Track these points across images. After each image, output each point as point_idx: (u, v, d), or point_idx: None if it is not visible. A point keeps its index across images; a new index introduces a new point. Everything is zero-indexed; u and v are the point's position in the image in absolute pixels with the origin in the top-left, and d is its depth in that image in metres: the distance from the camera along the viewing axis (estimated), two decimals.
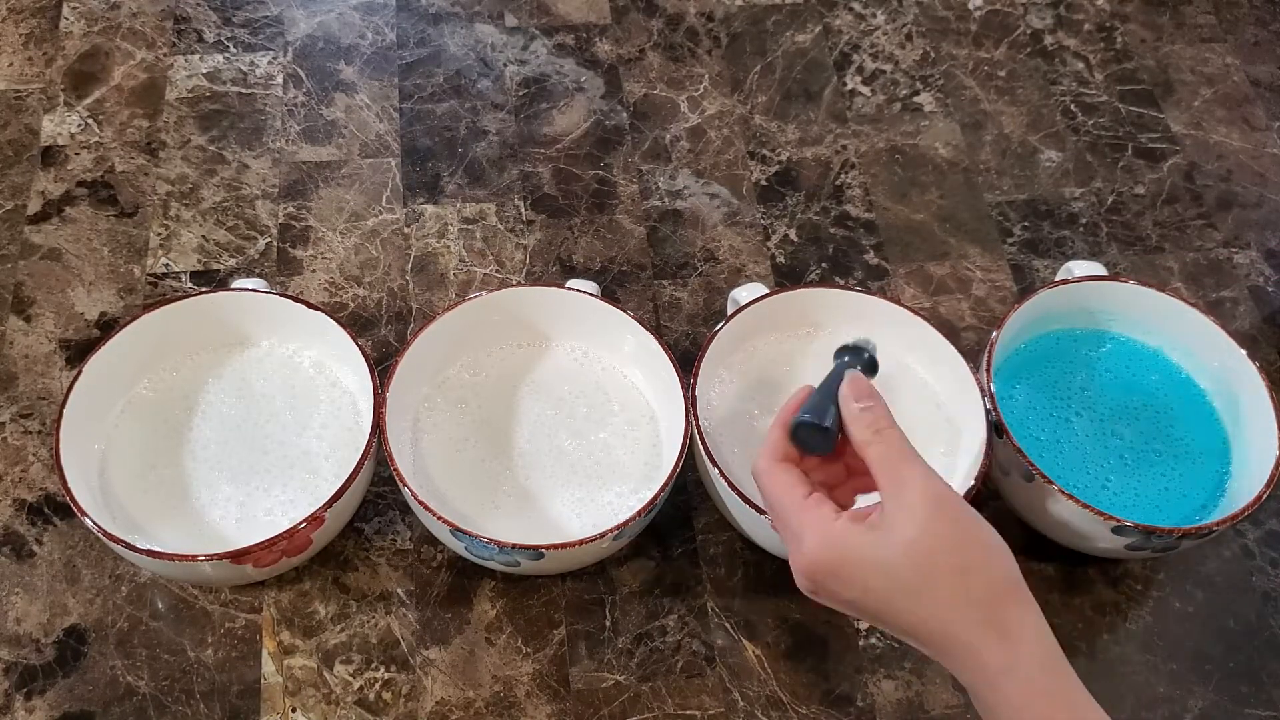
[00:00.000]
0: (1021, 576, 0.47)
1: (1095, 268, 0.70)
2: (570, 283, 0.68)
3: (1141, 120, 0.87)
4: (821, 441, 0.51)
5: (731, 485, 0.60)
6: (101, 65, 0.84)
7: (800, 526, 0.48)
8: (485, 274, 0.76)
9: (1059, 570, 0.67)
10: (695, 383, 0.63)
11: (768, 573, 0.66)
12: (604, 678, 0.62)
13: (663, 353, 0.65)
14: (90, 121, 0.82)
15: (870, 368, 0.54)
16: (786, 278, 0.77)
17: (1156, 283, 0.73)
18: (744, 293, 0.68)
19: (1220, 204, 0.83)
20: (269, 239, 0.77)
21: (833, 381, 0.52)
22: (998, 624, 0.45)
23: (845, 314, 0.69)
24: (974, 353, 0.68)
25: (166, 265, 0.75)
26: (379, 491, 0.67)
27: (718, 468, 0.60)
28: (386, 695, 0.61)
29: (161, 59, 0.85)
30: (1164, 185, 0.84)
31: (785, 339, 0.70)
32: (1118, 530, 0.59)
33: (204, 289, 0.72)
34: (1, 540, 0.65)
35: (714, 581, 0.66)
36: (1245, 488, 0.63)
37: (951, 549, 0.46)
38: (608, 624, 0.64)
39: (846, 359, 0.54)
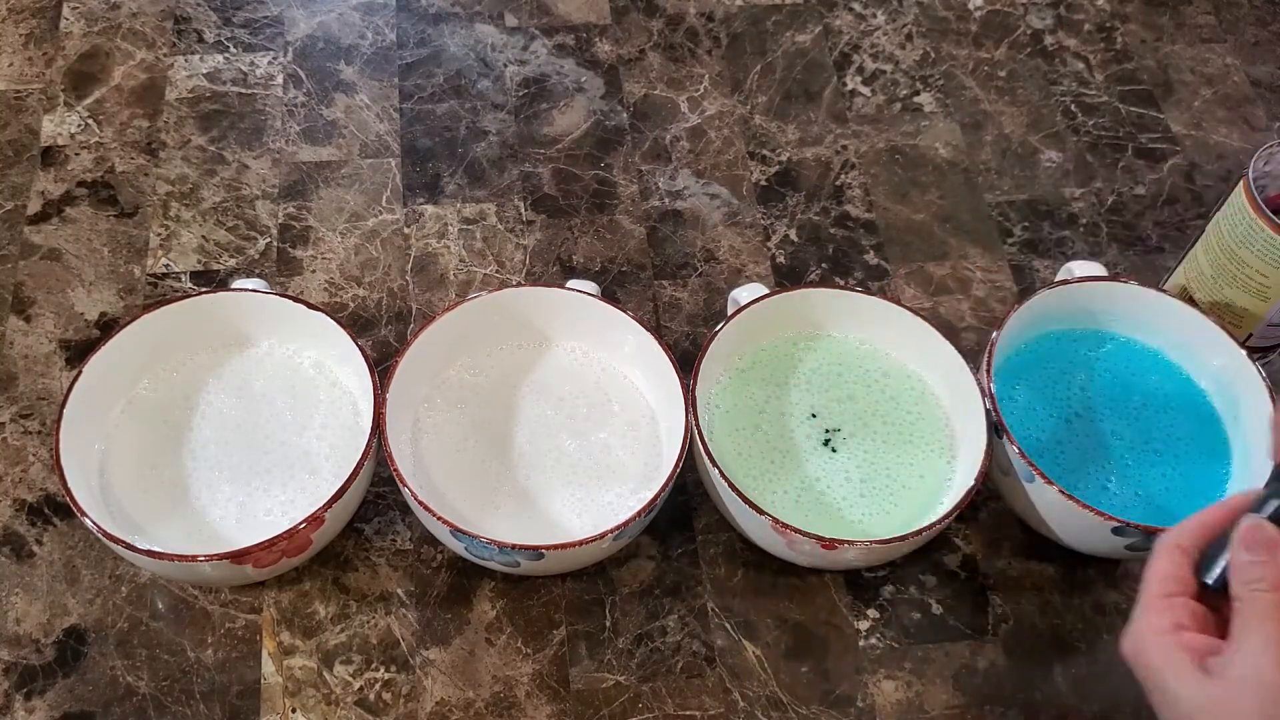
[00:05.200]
0: None
1: (1095, 268, 0.70)
2: (570, 283, 0.68)
3: (1141, 120, 0.87)
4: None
5: (731, 485, 0.60)
6: (101, 65, 0.84)
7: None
8: (485, 274, 0.76)
9: (1059, 570, 0.67)
10: (695, 383, 0.63)
11: (768, 573, 0.66)
12: (604, 678, 0.62)
13: (663, 353, 0.65)
14: (90, 121, 0.82)
15: None
16: (786, 278, 0.77)
17: (1156, 282, 0.73)
18: (744, 293, 0.68)
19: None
20: (269, 239, 0.77)
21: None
22: None
23: (845, 314, 0.69)
24: (974, 353, 0.68)
25: (166, 265, 0.75)
26: (379, 491, 0.67)
27: (718, 468, 0.60)
28: (386, 695, 0.61)
29: (161, 59, 0.85)
30: (1164, 185, 0.84)
31: (785, 339, 0.70)
32: (1118, 530, 0.59)
33: (204, 289, 0.72)
34: (1, 540, 0.65)
35: (714, 581, 0.66)
36: (1245, 488, 0.63)
37: None
38: (608, 624, 0.64)
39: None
